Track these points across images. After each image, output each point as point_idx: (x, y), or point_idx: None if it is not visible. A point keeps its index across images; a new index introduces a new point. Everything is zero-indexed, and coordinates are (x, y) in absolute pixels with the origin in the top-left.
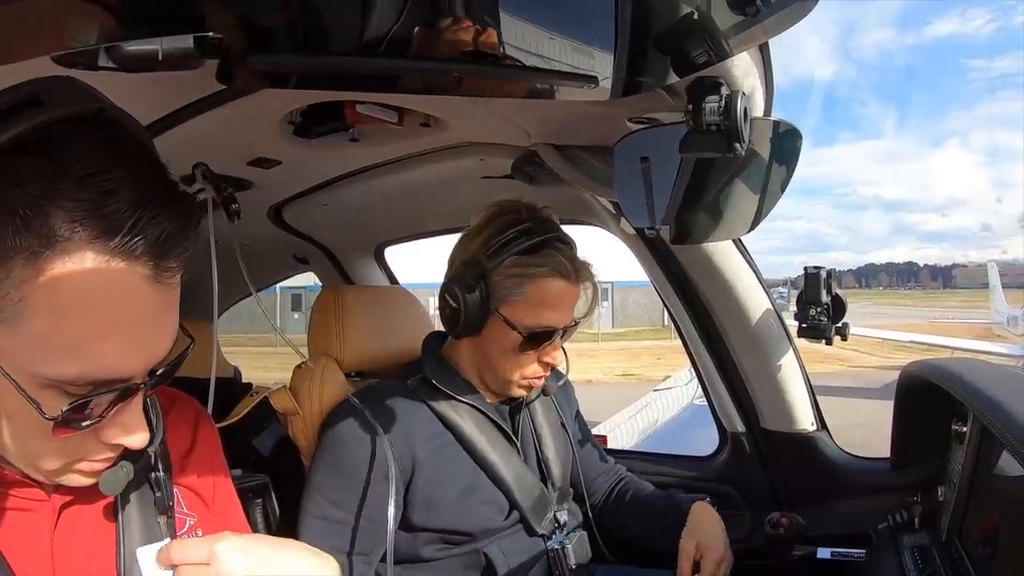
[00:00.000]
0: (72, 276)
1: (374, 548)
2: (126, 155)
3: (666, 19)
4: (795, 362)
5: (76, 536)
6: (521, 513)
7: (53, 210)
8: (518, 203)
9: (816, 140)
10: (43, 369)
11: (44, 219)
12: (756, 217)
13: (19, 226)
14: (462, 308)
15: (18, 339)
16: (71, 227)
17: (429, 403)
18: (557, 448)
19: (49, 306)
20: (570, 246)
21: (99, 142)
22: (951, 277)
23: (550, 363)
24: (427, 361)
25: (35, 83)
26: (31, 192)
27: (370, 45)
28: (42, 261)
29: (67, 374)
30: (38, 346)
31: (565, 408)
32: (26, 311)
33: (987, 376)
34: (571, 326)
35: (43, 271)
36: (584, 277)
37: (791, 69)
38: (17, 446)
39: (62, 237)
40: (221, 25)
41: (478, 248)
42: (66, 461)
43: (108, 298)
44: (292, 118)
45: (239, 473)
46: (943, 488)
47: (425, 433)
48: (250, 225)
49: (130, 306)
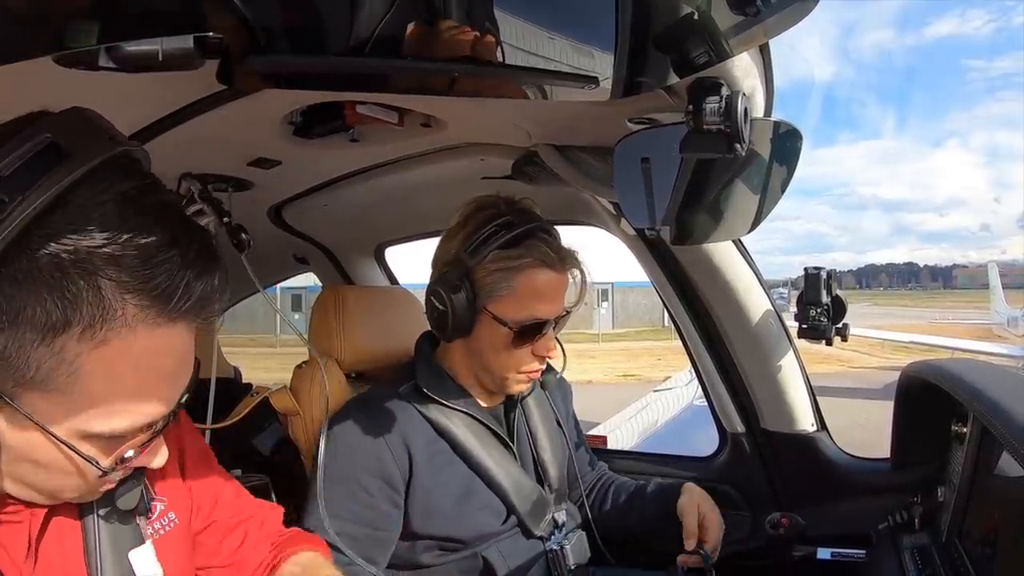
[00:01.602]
0: (127, 345)
1: (382, 555)
2: (157, 206)
3: (666, 19)
4: (795, 363)
5: (52, 548)
6: (518, 517)
7: (103, 282)
8: (495, 197)
9: (816, 140)
10: (93, 427)
11: (96, 291)
12: (756, 218)
13: (70, 301)
14: (449, 310)
15: (69, 403)
16: (123, 299)
17: (421, 411)
18: (553, 449)
19: (104, 373)
20: (553, 235)
21: (133, 198)
22: (951, 278)
23: (544, 355)
24: (419, 368)
25: (47, 122)
26: (80, 267)
27: (370, 45)
28: (98, 334)
29: (118, 429)
30: (90, 408)
31: (560, 406)
32: (81, 379)
33: (987, 376)
34: (562, 316)
35: (99, 344)
36: (569, 264)
37: (791, 70)
38: (42, 484)
39: (115, 310)
40: (221, 25)
41: (459, 247)
42: (88, 491)
43: (158, 358)
44: (292, 118)
45: (239, 473)
46: (943, 488)
47: (420, 441)
48: (250, 225)
49: (176, 360)
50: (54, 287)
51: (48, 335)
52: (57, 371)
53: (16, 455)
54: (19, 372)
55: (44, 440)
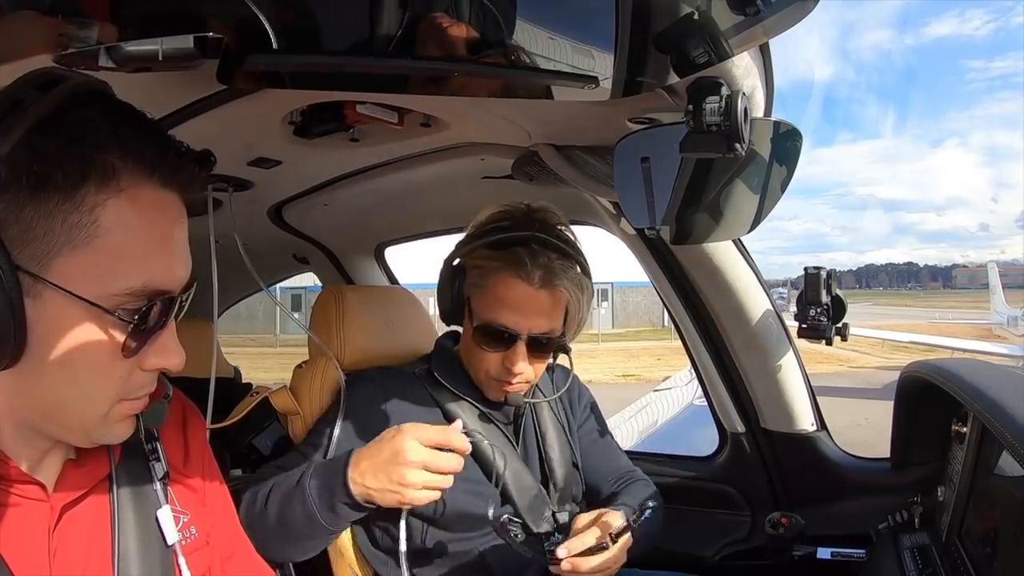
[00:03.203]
0: (134, 196)
1: None
2: (140, 115)
3: (666, 19)
4: (795, 362)
5: (74, 536)
6: (515, 509)
7: (112, 149)
8: (520, 203)
9: (815, 140)
10: (113, 284)
11: (105, 156)
12: (756, 217)
13: (88, 161)
14: (446, 293)
15: (91, 259)
16: (125, 162)
17: (432, 393)
18: (562, 448)
19: (120, 222)
20: (548, 249)
21: (119, 105)
22: (951, 277)
23: (513, 371)
24: (435, 356)
25: (33, 74)
26: (96, 138)
27: (370, 45)
28: (110, 186)
29: (135, 285)
30: (110, 261)
31: (576, 406)
32: (100, 231)
33: (987, 376)
34: (537, 338)
35: (112, 193)
36: (548, 285)
37: (790, 70)
38: (75, 393)
39: (122, 168)
40: (221, 25)
41: (465, 237)
42: (113, 402)
43: (159, 214)
44: (292, 118)
45: (239, 473)
46: (943, 488)
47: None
48: (250, 225)
49: (172, 225)
50: (73, 155)
51: (69, 191)
52: (79, 225)
53: (45, 357)
54: (45, 243)
55: (72, 316)
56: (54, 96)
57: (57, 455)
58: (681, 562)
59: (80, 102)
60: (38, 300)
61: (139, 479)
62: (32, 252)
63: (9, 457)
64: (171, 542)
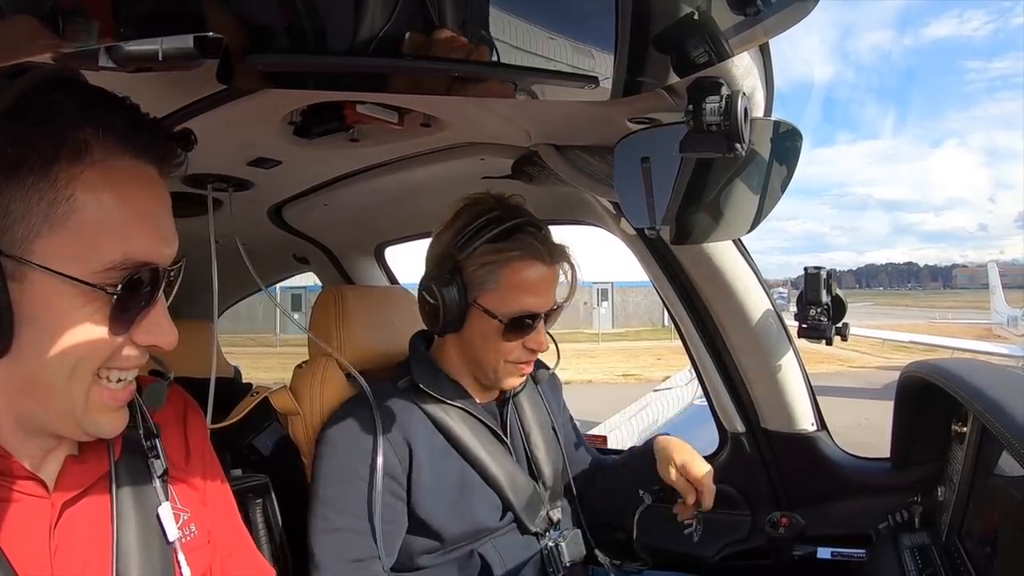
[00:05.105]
0: (108, 169)
1: (390, 548)
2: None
3: (666, 19)
4: (795, 362)
5: (74, 534)
6: (514, 512)
7: (84, 125)
8: (485, 194)
9: (815, 140)
10: (95, 259)
11: (76, 133)
12: (756, 217)
13: (59, 139)
14: (441, 304)
15: (70, 236)
16: (97, 136)
17: (420, 406)
18: (547, 447)
19: (95, 196)
20: (541, 229)
21: (89, 88)
22: (951, 277)
23: (535, 348)
24: (414, 365)
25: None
26: (66, 117)
27: (370, 45)
28: (83, 160)
29: (115, 257)
30: (88, 237)
31: (553, 404)
32: (76, 206)
33: (987, 376)
34: (553, 310)
35: (86, 166)
36: (559, 258)
37: (790, 70)
38: (64, 372)
39: (93, 142)
40: (221, 25)
41: (449, 242)
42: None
43: (136, 187)
44: (292, 118)
45: (239, 473)
46: (943, 488)
47: (419, 435)
48: (250, 225)
49: (150, 199)
50: (46, 133)
51: (44, 170)
52: (55, 202)
53: (34, 339)
54: (25, 225)
55: (58, 295)
56: (22, 83)
57: (60, 453)
58: (681, 562)
59: (49, 87)
60: (24, 283)
61: (139, 476)
62: (12, 236)
63: (11, 453)
64: (171, 539)
